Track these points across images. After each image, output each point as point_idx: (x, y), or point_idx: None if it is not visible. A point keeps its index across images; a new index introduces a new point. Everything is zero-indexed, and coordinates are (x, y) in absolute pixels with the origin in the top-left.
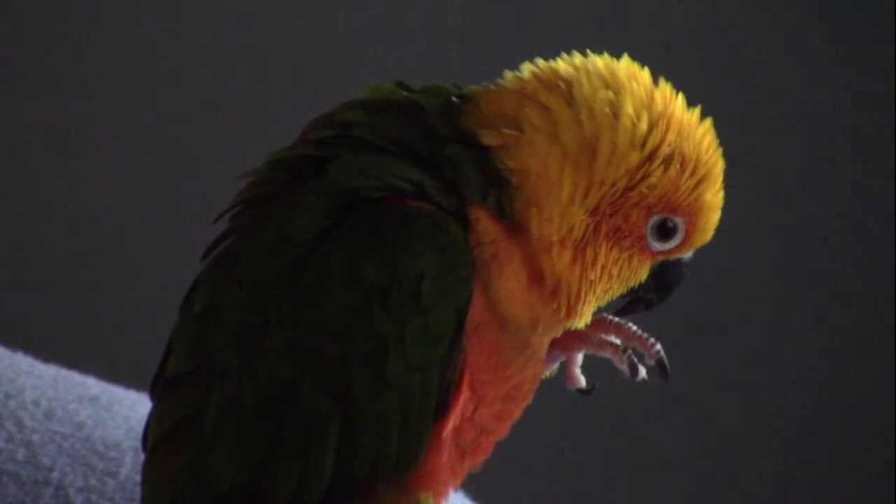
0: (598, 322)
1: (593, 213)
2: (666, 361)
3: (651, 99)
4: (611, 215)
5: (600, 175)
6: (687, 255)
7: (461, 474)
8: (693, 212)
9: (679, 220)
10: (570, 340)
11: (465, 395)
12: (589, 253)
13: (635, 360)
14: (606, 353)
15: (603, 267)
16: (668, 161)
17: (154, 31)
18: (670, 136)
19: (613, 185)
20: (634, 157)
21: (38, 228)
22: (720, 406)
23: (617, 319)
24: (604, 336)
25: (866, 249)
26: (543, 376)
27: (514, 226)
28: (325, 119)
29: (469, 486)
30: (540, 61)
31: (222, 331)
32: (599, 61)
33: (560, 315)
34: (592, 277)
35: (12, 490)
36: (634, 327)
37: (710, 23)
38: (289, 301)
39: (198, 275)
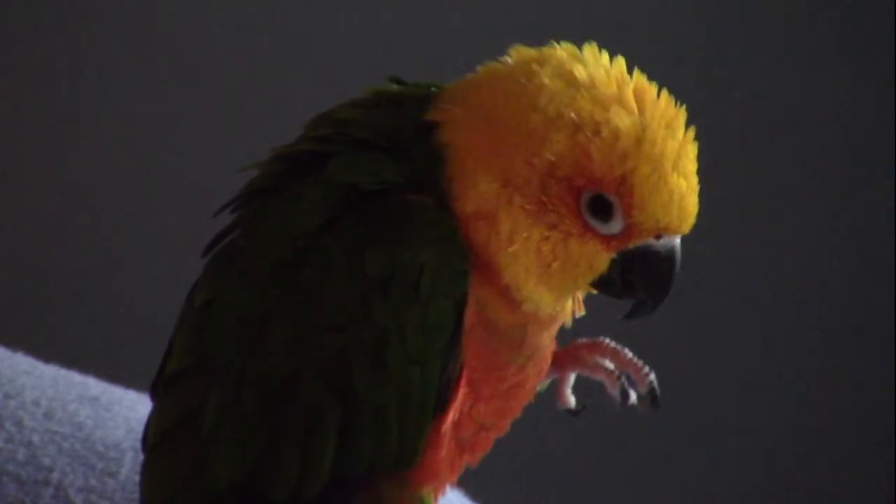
0: (594, 345)
1: (505, 183)
2: (658, 392)
3: (587, 75)
4: (525, 185)
5: (503, 140)
6: (661, 245)
7: (459, 469)
8: (623, 189)
9: (613, 198)
10: (564, 360)
11: (463, 391)
12: (504, 224)
13: (627, 386)
14: (600, 377)
15: (527, 242)
16: (576, 128)
17: (155, 28)
18: (583, 103)
19: (515, 150)
20: (535, 119)
21: (38, 228)
22: (721, 406)
23: (614, 344)
24: (599, 360)
25: (866, 249)
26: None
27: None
28: (326, 117)
29: (469, 486)
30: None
31: (222, 326)
32: (559, 48)
33: (512, 297)
34: (513, 252)
35: (12, 490)
36: (630, 354)
37: (710, 22)
38: (289, 295)
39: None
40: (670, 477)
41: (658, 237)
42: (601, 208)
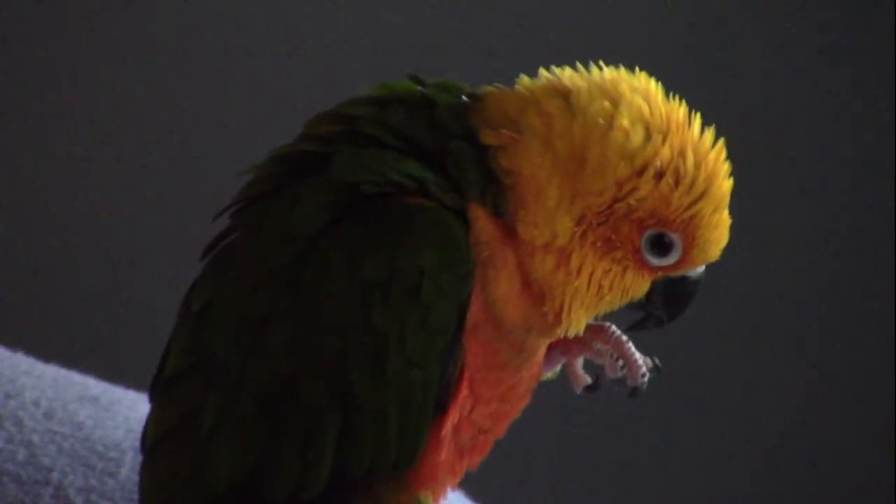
0: (599, 330)
1: (580, 221)
2: (643, 389)
3: (652, 114)
4: (599, 225)
5: (587, 184)
6: (694, 272)
7: (459, 473)
8: (689, 229)
9: (675, 236)
10: (569, 344)
11: (463, 394)
12: (574, 260)
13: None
14: (602, 361)
15: (591, 276)
16: (659, 175)
17: (154, 28)
18: (666, 151)
19: (600, 195)
20: (623, 169)
21: (38, 228)
22: (721, 407)
23: (618, 333)
24: (602, 346)
25: (866, 249)
26: (544, 378)
27: (509, 227)
28: (330, 114)
29: (469, 486)
30: (555, 69)
31: (222, 327)
32: (608, 73)
33: (549, 320)
34: (577, 285)
35: (12, 490)
36: (632, 349)
37: (710, 22)
38: (289, 297)
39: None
40: (670, 477)
41: None
42: (661, 244)
